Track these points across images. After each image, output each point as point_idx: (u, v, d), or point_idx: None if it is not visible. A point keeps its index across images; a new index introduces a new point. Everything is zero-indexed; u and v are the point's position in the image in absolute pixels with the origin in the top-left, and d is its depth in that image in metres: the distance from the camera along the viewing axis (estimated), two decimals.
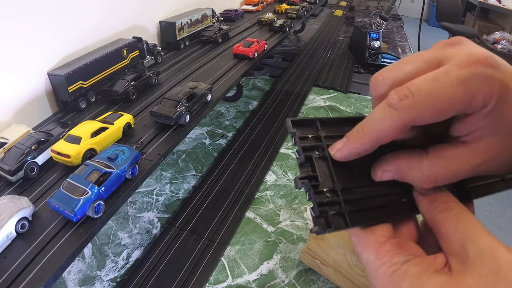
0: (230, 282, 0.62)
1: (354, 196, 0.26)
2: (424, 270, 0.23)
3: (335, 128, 0.28)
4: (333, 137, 0.27)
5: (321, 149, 0.26)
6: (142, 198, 0.84)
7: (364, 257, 0.26)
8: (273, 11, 1.75)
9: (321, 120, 0.27)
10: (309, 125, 0.27)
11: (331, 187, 0.25)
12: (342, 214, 0.25)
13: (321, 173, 0.26)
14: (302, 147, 0.26)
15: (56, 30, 0.83)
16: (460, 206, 0.25)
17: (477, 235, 0.23)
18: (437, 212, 0.25)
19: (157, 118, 0.72)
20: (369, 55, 1.52)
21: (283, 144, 1.00)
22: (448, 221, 0.24)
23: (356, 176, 0.27)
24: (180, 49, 1.20)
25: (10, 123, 0.72)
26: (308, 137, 0.27)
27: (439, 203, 0.26)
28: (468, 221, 0.24)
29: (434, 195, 0.26)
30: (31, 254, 0.46)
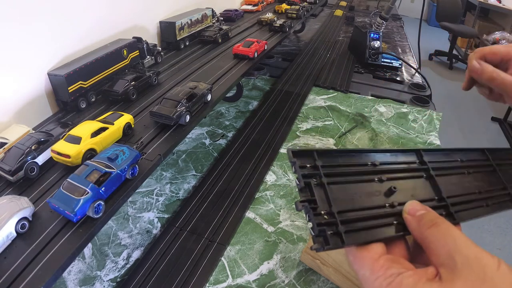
0: (230, 282, 0.62)
1: (349, 218, 0.28)
2: (417, 280, 0.25)
3: (331, 159, 0.32)
4: (329, 167, 0.31)
5: (319, 177, 0.30)
6: (142, 198, 0.84)
7: (360, 274, 0.28)
8: (273, 11, 1.75)
9: (318, 152, 0.31)
10: (307, 155, 0.30)
11: (328, 210, 0.28)
12: (339, 233, 0.27)
13: (319, 197, 0.29)
14: (302, 174, 0.29)
15: (56, 30, 0.83)
16: (446, 222, 0.28)
17: (463, 246, 0.25)
18: (425, 229, 0.28)
19: (157, 118, 0.72)
20: (369, 55, 1.52)
21: (283, 144, 1.00)
22: (436, 236, 0.27)
23: (350, 201, 0.30)
24: (180, 49, 1.20)
25: (10, 123, 0.72)
26: (307, 166, 0.30)
27: (427, 221, 0.29)
28: (454, 235, 0.27)
29: (421, 215, 0.29)
30: (31, 254, 0.46)
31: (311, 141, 1.02)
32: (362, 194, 0.31)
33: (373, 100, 1.25)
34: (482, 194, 0.38)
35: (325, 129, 1.08)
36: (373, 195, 0.31)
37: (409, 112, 1.18)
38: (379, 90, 1.36)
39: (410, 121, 1.14)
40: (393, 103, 1.24)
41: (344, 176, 0.31)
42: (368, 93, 1.31)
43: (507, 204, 0.39)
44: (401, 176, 0.34)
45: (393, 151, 0.36)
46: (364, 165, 0.33)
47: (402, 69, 1.56)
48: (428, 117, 1.16)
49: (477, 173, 0.40)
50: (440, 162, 0.38)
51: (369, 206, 0.30)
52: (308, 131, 1.07)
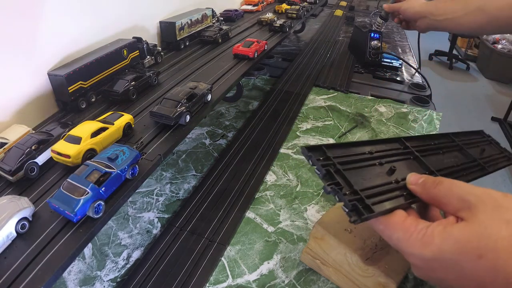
0: (230, 282, 0.62)
1: (371, 193, 0.33)
2: (445, 226, 0.30)
3: (337, 151, 0.37)
4: (338, 157, 0.36)
5: (333, 165, 0.35)
6: (142, 198, 0.84)
7: (394, 238, 0.32)
8: (273, 11, 1.75)
9: (326, 146, 0.36)
10: (317, 150, 0.36)
11: (351, 190, 0.33)
12: (367, 206, 0.32)
13: (341, 181, 0.33)
14: (322, 164, 0.34)
15: (56, 30, 0.83)
16: (446, 179, 0.33)
17: (470, 188, 0.31)
18: (432, 190, 0.33)
19: (157, 118, 0.72)
20: (369, 55, 1.52)
21: (283, 144, 1.00)
22: (444, 190, 0.32)
23: (364, 181, 0.35)
24: (180, 49, 1.20)
25: (10, 123, 0.72)
26: (320, 159, 0.35)
27: (430, 183, 0.34)
28: (458, 184, 0.32)
29: (423, 181, 0.35)
30: (31, 254, 0.46)
31: (311, 141, 1.02)
32: (370, 176, 0.36)
33: (373, 100, 1.25)
34: (459, 167, 0.46)
35: (325, 129, 1.08)
36: (379, 176, 0.37)
37: (409, 112, 1.18)
38: (379, 90, 1.36)
39: (410, 121, 1.14)
40: (393, 103, 1.24)
41: (353, 163, 0.36)
42: (368, 93, 1.31)
43: (479, 172, 0.48)
44: (395, 159, 0.41)
45: (381, 141, 0.43)
46: (363, 153, 0.39)
47: (402, 69, 1.56)
48: (428, 117, 1.16)
49: (449, 152, 0.48)
50: (419, 146, 0.45)
51: (380, 184, 0.35)
52: (308, 131, 1.07)
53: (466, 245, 0.28)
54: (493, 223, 0.28)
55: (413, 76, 1.51)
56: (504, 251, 0.26)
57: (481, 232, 0.28)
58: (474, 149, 0.52)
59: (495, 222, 0.27)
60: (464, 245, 0.28)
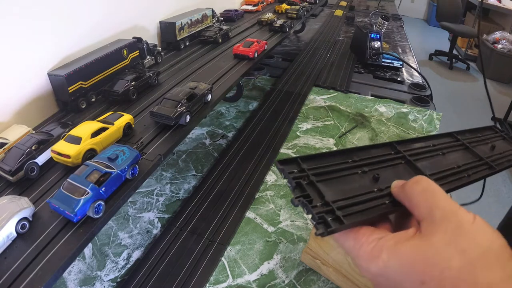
0: (230, 282, 0.62)
1: (344, 204, 0.31)
2: (397, 241, 0.28)
3: (314, 162, 0.35)
4: (314, 169, 0.33)
5: (307, 177, 0.32)
6: (143, 198, 0.84)
7: (346, 246, 0.30)
8: (273, 11, 1.75)
9: (301, 158, 0.34)
10: (292, 162, 0.34)
11: (322, 201, 0.30)
12: (337, 217, 0.29)
13: (312, 193, 0.31)
14: (292, 177, 0.32)
15: (56, 30, 0.83)
16: (427, 180, 0.30)
17: (442, 200, 0.28)
18: (408, 189, 0.31)
19: (157, 118, 0.72)
20: (369, 55, 1.52)
21: (283, 144, 1.00)
22: (418, 191, 0.30)
23: (341, 192, 0.32)
24: (180, 49, 1.20)
25: (10, 124, 0.72)
26: (294, 171, 0.33)
27: (409, 184, 0.31)
28: (433, 189, 0.29)
29: (405, 183, 0.32)
30: (32, 255, 0.46)
31: (311, 141, 1.02)
32: (349, 186, 0.33)
33: (373, 100, 1.25)
34: (461, 168, 0.41)
35: (325, 129, 1.08)
36: (360, 185, 0.34)
37: (409, 112, 1.18)
38: (379, 90, 1.36)
39: (410, 121, 1.14)
40: (393, 103, 1.24)
41: (330, 174, 0.34)
42: (368, 93, 1.31)
43: (486, 171, 0.43)
44: (382, 166, 0.37)
45: (368, 147, 0.39)
46: (345, 162, 0.36)
47: (403, 69, 1.56)
48: (428, 117, 1.16)
49: (451, 152, 0.44)
50: (414, 149, 0.42)
51: (358, 193, 0.33)
52: (308, 131, 1.07)
53: (411, 267, 0.26)
54: (447, 250, 0.25)
55: (413, 76, 1.51)
56: (448, 283, 0.24)
57: (431, 256, 0.25)
58: (483, 146, 0.48)
59: (449, 249, 0.25)
60: (410, 267, 0.26)
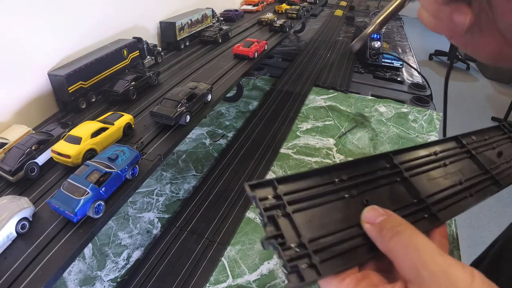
0: (230, 282, 0.62)
1: (323, 245, 0.26)
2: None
3: (293, 184, 0.29)
4: (293, 193, 0.28)
5: (283, 207, 0.27)
6: (143, 198, 0.84)
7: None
8: (273, 11, 1.75)
9: (278, 179, 0.28)
10: (268, 185, 0.28)
11: (298, 241, 0.25)
12: (313, 265, 0.25)
13: (286, 229, 0.26)
14: (264, 208, 0.26)
15: (57, 30, 0.83)
16: (409, 229, 0.25)
17: (428, 258, 0.23)
18: (388, 240, 0.25)
19: (157, 118, 0.72)
20: (369, 56, 1.52)
21: (283, 144, 1.00)
22: (399, 247, 0.24)
23: (321, 226, 0.27)
24: (180, 49, 1.20)
25: (10, 124, 0.72)
26: (268, 197, 0.27)
27: (387, 230, 0.25)
28: (417, 245, 0.24)
29: (381, 222, 0.26)
30: (32, 255, 0.46)
31: (311, 141, 1.02)
32: (333, 215, 0.28)
33: (373, 100, 1.25)
34: (463, 184, 0.35)
35: (325, 129, 1.08)
36: (346, 214, 0.29)
37: (409, 112, 1.18)
38: (379, 90, 1.36)
39: (410, 121, 1.14)
40: (393, 103, 1.24)
41: (311, 199, 0.28)
42: (368, 93, 1.31)
43: (491, 189, 0.37)
44: (373, 187, 0.31)
45: (360, 161, 0.33)
46: (331, 183, 0.30)
47: (403, 69, 1.56)
48: (428, 117, 1.16)
49: (455, 162, 0.38)
50: (413, 160, 0.35)
51: (343, 227, 0.28)
52: (308, 131, 1.07)
53: None
54: None
55: (413, 76, 1.51)
56: None
57: None
58: (489, 152, 0.41)
59: None
60: None
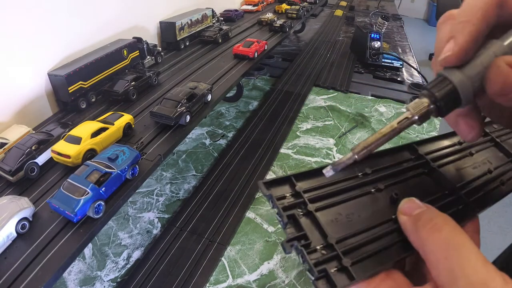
0: (230, 282, 0.62)
1: (353, 245, 0.23)
2: None
3: (313, 180, 0.26)
4: (313, 190, 0.25)
5: (303, 205, 0.24)
6: (143, 198, 0.84)
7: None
8: (273, 11, 1.75)
9: (296, 175, 0.25)
10: (284, 182, 0.25)
11: (324, 242, 0.23)
12: (344, 268, 0.22)
13: (309, 229, 0.23)
14: (283, 207, 0.23)
15: (56, 30, 0.83)
16: (450, 224, 0.22)
17: (469, 266, 0.20)
18: (424, 232, 0.23)
19: (157, 118, 0.72)
20: (369, 56, 1.52)
21: (284, 144, 1.00)
22: (437, 244, 0.22)
23: (348, 224, 0.24)
24: (180, 49, 1.20)
25: (10, 124, 0.72)
26: (286, 196, 0.24)
27: (425, 220, 0.23)
28: (459, 245, 0.21)
29: (419, 213, 0.24)
30: (32, 255, 0.46)
31: (311, 141, 1.02)
32: (360, 212, 0.26)
33: (373, 100, 1.25)
34: (493, 173, 0.32)
35: (325, 129, 1.08)
36: (374, 210, 0.26)
37: None
38: (379, 90, 1.36)
39: None
40: (393, 103, 1.24)
41: (334, 196, 0.26)
42: (368, 93, 1.31)
43: None
44: (400, 179, 0.29)
45: (382, 153, 0.30)
46: (354, 177, 0.27)
47: (403, 69, 1.56)
48: None
49: (480, 151, 0.35)
50: (438, 151, 0.33)
51: (372, 224, 0.25)
52: (309, 131, 1.07)
53: None
54: None
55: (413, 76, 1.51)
56: None
57: None
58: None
59: None
60: None
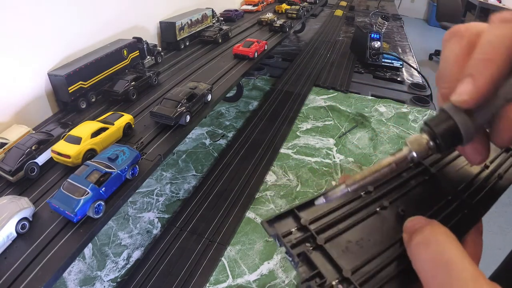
0: (230, 282, 0.62)
1: (367, 275, 0.22)
2: None
3: (316, 209, 0.25)
4: (317, 219, 0.24)
5: (311, 239, 0.23)
6: (143, 198, 0.84)
7: None
8: (273, 11, 1.75)
9: (298, 208, 0.25)
10: (287, 216, 0.24)
11: (339, 276, 0.22)
12: None
13: (322, 265, 0.22)
14: (291, 245, 0.22)
15: (57, 31, 0.83)
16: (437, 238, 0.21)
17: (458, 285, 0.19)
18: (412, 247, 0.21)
19: (157, 118, 0.72)
20: (369, 56, 1.52)
21: (283, 144, 1.00)
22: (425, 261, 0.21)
23: (359, 251, 0.23)
24: (180, 49, 1.20)
25: (10, 124, 0.72)
26: (292, 231, 0.23)
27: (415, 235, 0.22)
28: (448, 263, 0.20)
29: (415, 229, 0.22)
30: (32, 255, 0.46)
31: (311, 141, 1.02)
32: (369, 235, 0.24)
33: (373, 100, 1.25)
34: (490, 168, 0.31)
35: (325, 129, 1.08)
36: (383, 231, 0.25)
37: (409, 112, 1.18)
38: (379, 90, 1.36)
39: (410, 121, 1.14)
40: (393, 103, 1.24)
41: (341, 222, 0.25)
42: (368, 93, 1.31)
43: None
44: (403, 192, 0.27)
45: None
46: (358, 198, 0.26)
47: (403, 69, 1.56)
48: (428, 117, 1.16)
49: None
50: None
51: (384, 247, 0.23)
52: (308, 131, 1.07)
53: None
54: None
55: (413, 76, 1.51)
56: None
57: None
58: None
59: None
60: None
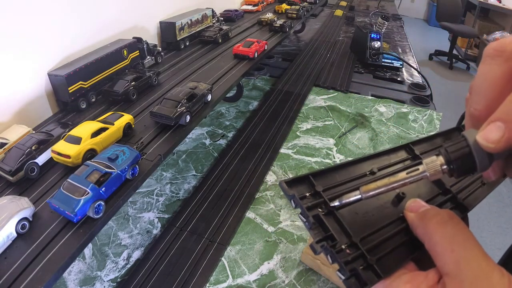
0: (230, 282, 0.62)
1: (373, 244, 0.24)
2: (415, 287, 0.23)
3: (329, 179, 0.27)
4: (330, 188, 0.26)
5: (323, 204, 0.25)
6: (143, 198, 0.84)
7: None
8: (273, 11, 1.75)
9: (313, 174, 0.26)
10: (302, 182, 0.26)
11: (348, 241, 0.24)
12: (370, 266, 0.23)
13: (334, 229, 0.24)
14: (306, 208, 0.24)
15: (56, 30, 0.83)
16: (455, 219, 0.24)
17: (473, 258, 0.22)
18: (431, 226, 0.24)
19: (157, 118, 0.72)
20: (369, 56, 1.52)
21: (283, 144, 1.00)
22: (443, 237, 0.23)
23: (366, 223, 0.25)
24: (180, 49, 1.20)
25: (10, 124, 0.72)
26: (306, 195, 0.25)
27: (432, 215, 0.24)
28: (464, 240, 0.23)
29: (425, 210, 0.25)
30: (32, 255, 0.46)
31: (311, 141, 1.02)
32: (373, 210, 0.26)
33: (373, 100, 1.25)
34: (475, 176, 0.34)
35: (325, 129, 1.08)
36: (384, 208, 0.27)
37: (409, 112, 1.18)
38: (379, 90, 1.36)
39: (410, 121, 1.14)
40: (393, 103, 1.24)
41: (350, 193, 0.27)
42: (368, 93, 1.31)
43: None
44: None
45: (384, 152, 0.32)
46: (363, 176, 0.29)
47: (403, 69, 1.56)
48: (428, 117, 1.16)
49: None
50: (432, 150, 0.34)
51: (386, 222, 0.26)
52: (309, 131, 1.07)
53: None
54: None
55: (413, 76, 1.51)
56: None
57: None
58: None
59: None
60: None
